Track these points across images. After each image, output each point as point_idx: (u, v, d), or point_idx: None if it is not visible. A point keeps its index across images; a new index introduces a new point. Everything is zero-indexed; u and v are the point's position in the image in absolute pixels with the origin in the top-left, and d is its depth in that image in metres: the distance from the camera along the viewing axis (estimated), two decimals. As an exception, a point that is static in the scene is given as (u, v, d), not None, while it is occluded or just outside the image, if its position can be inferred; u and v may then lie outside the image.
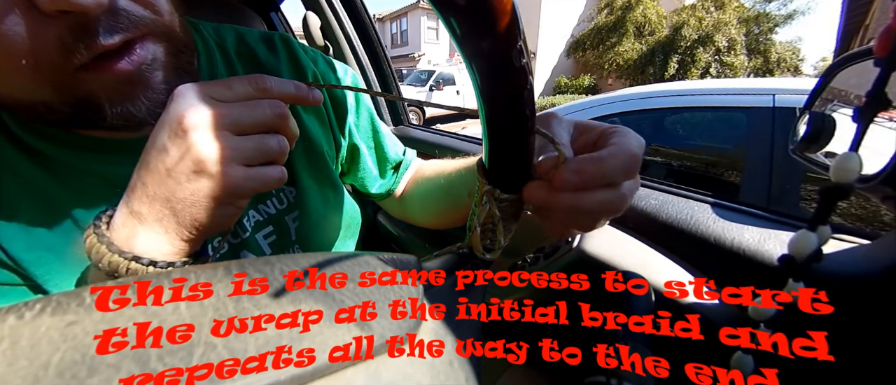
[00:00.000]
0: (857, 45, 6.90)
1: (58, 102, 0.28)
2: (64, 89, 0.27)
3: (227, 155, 0.25)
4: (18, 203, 0.32)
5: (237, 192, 0.26)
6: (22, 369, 0.13)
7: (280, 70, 0.45)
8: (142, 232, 0.26)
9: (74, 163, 0.33)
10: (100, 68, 0.27)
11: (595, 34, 14.71)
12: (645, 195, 0.46)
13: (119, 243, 0.25)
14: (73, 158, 0.33)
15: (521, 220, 0.31)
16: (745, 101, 1.57)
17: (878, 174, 0.26)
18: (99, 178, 0.34)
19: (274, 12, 1.23)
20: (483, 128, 0.26)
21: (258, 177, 0.27)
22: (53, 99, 0.27)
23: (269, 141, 0.27)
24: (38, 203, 0.32)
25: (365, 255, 0.22)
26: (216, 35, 0.44)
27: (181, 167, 0.25)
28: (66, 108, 0.28)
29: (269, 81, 0.28)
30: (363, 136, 0.53)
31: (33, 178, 0.32)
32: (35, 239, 0.32)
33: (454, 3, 0.18)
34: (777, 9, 13.87)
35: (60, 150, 0.33)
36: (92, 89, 0.27)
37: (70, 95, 0.27)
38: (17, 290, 0.33)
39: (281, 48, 0.47)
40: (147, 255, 0.25)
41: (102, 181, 0.34)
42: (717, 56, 13.36)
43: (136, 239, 0.26)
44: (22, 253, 0.32)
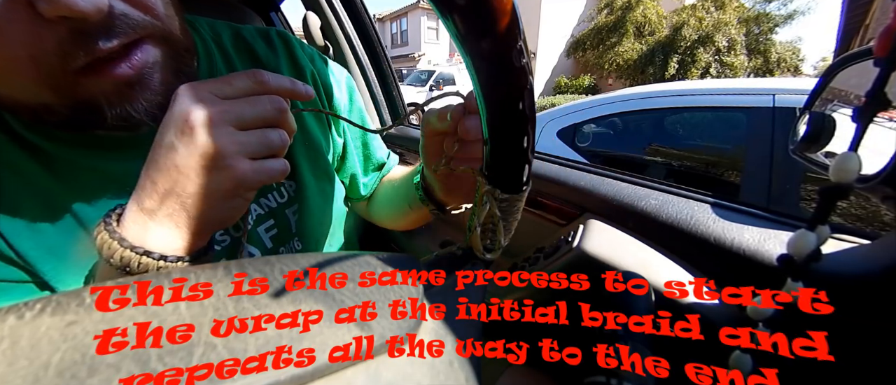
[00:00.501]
0: (857, 45, 6.89)
1: (57, 104, 0.28)
2: (63, 92, 0.27)
3: (234, 149, 0.26)
4: (21, 200, 0.32)
5: (245, 184, 0.27)
6: (22, 369, 0.13)
7: (279, 66, 0.46)
8: (152, 227, 0.26)
9: (75, 160, 0.34)
10: (99, 72, 0.27)
11: (595, 34, 14.70)
12: (645, 195, 0.46)
13: (130, 239, 0.26)
14: (74, 155, 0.34)
15: (520, 220, 0.31)
16: (745, 101, 1.57)
17: (878, 174, 0.26)
18: (100, 174, 0.35)
19: (274, 12, 1.23)
20: (483, 128, 0.26)
21: (264, 169, 0.28)
22: (53, 101, 0.28)
23: (270, 135, 0.29)
24: (41, 200, 0.33)
25: (365, 255, 0.22)
26: (212, 32, 0.44)
27: (190, 163, 0.26)
28: (66, 110, 0.28)
29: (266, 76, 0.29)
30: (353, 134, 0.55)
31: (35, 176, 0.33)
32: (39, 235, 0.32)
33: (454, 3, 0.18)
34: (777, 9, 13.87)
35: (61, 147, 0.33)
36: (91, 92, 0.28)
37: (70, 98, 0.28)
38: (24, 286, 0.33)
39: (279, 44, 0.47)
40: (158, 250, 0.26)
41: (104, 177, 0.35)
42: (717, 56, 13.35)
43: (147, 234, 0.26)
44: (27, 250, 0.32)
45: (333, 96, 0.50)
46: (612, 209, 0.48)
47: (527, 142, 0.25)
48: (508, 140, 0.25)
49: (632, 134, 2.04)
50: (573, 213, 0.54)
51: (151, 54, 0.29)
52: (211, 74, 0.41)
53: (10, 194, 0.32)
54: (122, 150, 0.35)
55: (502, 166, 0.27)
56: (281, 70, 0.46)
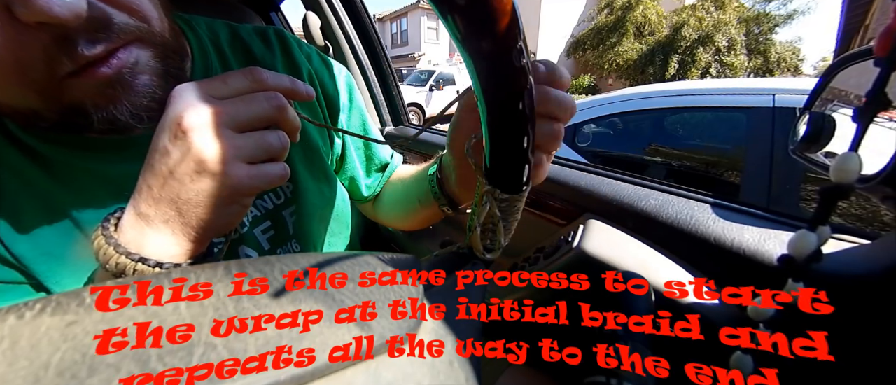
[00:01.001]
0: (857, 45, 6.90)
1: (45, 109, 0.28)
2: (50, 97, 0.27)
3: (229, 153, 0.25)
4: (20, 203, 0.32)
5: (241, 190, 0.26)
6: (22, 369, 0.13)
7: (275, 65, 0.45)
8: (149, 233, 0.26)
9: (73, 162, 0.34)
10: (82, 75, 0.27)
11: (595, 34, 14.70)
12: (645, 195, 0.46)
13: (127, 245, 0.26)
14: (70, 158, 0.34)
15: (520, 220, 0.31)
16: (745, 101, 1.57)
17: (878, 174, 0.26)
18: (97, 176, 0.34)
19: (274, 12, 1.23)
20: (483, 128, 0.26)
21: (261, 174, 0.27)
22: (41, 106, 0.28)
23: (269, 137, 0.27)
24: (39, 203, 0.33)
25: (365, 255, 0.22)
26: (210, 31, 0.44)
27: (183, 168, 0.25)
28: (54, 114, 0.28)
29: (264, 74, 0.28)
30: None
31: (34, 179, 0.32)
32: (36, 238, 0.32)
33: (454, 3, 0.18)
34: (777, 9, 13.87)
35: (58, 150, 0.33)
36: (77, 96, 0.27)
37: (56, 102, 0.28)
38: (21, 288, 0.33)
39: (275, 42, 0.46)
40: (154, 257, 0.26)
41: (101, 179, 0.35)
42: (717, 56, 13.35)
43: (144, 240, 0.26)
44: (24, 251, 0.32)
45: (331, 95, 0.50)
46: (612, 209, 0.48)
47: (527, 142, 0.25)
48: (508, 140, 0.25)
49: (632, 134, 2.04)
50: (573, 213, 0.54)
51: (136, 55, 0.29)
52: (206, 73, 0.40)
53: (9, 196, 0.32)
54: (118, 152, 0.35)
55: (502, 166, 0.27)
56: (277, 67, 0.45)
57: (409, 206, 0.51)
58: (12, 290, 0.33)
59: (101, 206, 0.34)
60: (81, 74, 0.27)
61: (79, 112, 0.28)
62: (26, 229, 0.32)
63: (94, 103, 0.28)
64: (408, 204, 0.51)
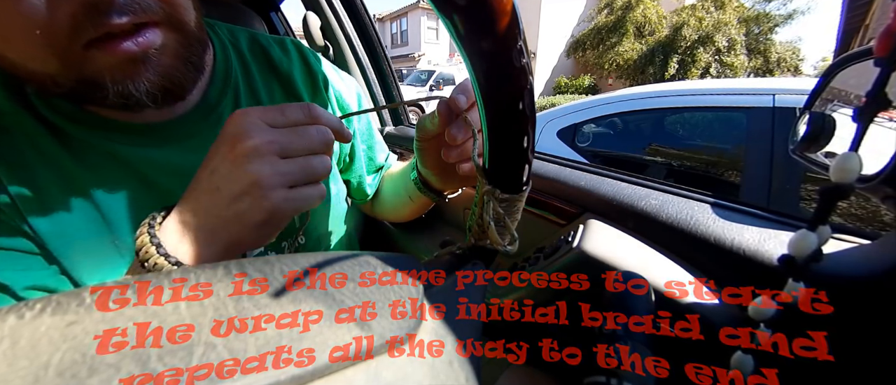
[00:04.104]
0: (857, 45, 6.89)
1: (62, 76, 0.29)
2: (70, 64, 0.28)
3: (273, 181, 0.27)
4: (38, 174, 0.33)
5: (278, 214, 0.28)
6: (22, 369, 0.13)
7: (292, 71, 0.48)
8: (187, 240, 0.28)
9: (88, 140, 0.35)
10: (106, 47, 0.28)
11: (595, 34, 14.69)
12: (645, 195, 0.46)
13: (166, 246, 0.27)
14: (87, 135, 0.35)
15: (520, 220, 0.31)
16: (745, 101, 1.57)
17: (878, 174, 0.26)
18: (113, 157, 0.36)
19: (274, 12, 1.23)
20: (483, 128, 0.26)
21: (300, 198, 0.29)
22: (59, 72, 0.29)
23: (314, 162, 0.29)
24: (56, 175, 0.34)
25: (365, 255, 0.22)
26: (231, 35, 0.46)
27: (230, 188, 0.27)
28: (70, 82, 0.29)
29: (318, 110, 0.31)
30: (362, 138, 0.58)
31: (52, 152, 0.34)
32: (52, 209, 0.33)
33: (454, 3, 0.18)
34: (777, 9, 13.86)
35: (75, 126, 0.35)
36: (97, 67, 0.29)
37: (75, 70, 0.29)
38: (32, 258, 0.34)
39: (293, 50, 0.50)
40: (188, 263, 0.27)
41: (116, 160, 0.36)
42: (717, 56, 13.34)
43: (181, 245, 0.27)
44: (40, 222, 0.33)
45: (343, 101, 0.53)
46: (612, 209, 0.48)
47: (527, 142, 0.25)
48: (508, 140, 0.25)
49: (632, 134, 2.04)
50: (573, 213, 0.54)
51: (160, 38, 0.30)
52: (226, 70, 0.43)
53: (28, 167, 0.33)
54: (137, 136, 0.37)
55: (502, 166, 0.27)
56: (294, 73, 0.48)
57: (401, 200, 0.55)
58: (24, 258, 0.33)
59: (116, 186, 0.36)
60: (106, 47, 0.28)
61: (96, 84, 0.29)
62: (42, 199, 0.33)
63: (113, 77, 0.29)
64: (399, 198, 0.55)
